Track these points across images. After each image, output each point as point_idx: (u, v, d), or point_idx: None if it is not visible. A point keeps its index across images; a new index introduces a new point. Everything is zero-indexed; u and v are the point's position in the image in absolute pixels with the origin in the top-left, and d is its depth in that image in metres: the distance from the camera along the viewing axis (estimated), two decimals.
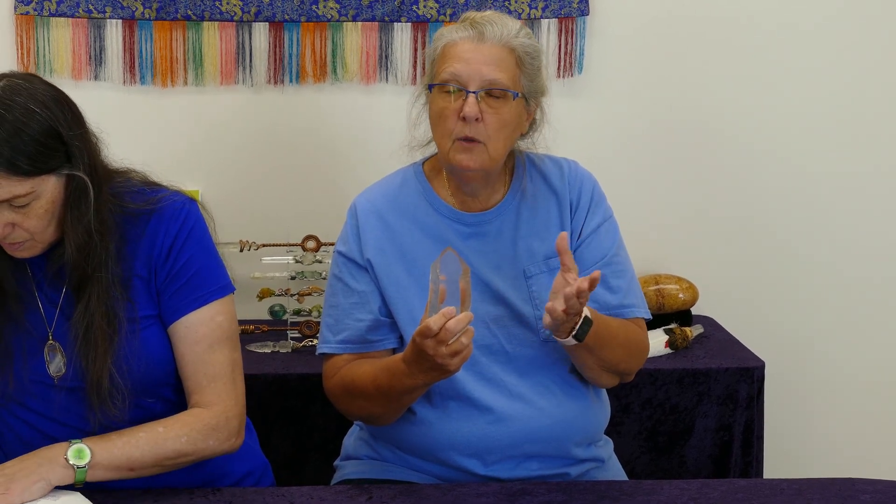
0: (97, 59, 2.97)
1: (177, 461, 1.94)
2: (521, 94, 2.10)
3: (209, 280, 2.00)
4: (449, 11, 3.00)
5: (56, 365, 1.95)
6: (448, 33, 2.12)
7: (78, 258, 1.89)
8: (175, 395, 2.03)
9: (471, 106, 2.05)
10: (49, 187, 1.84)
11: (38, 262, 1.95)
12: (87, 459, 1.84)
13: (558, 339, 2.03)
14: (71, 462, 1.83)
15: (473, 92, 2.06)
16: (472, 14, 2.14)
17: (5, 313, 1.94)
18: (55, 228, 1.89)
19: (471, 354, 1.93)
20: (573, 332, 2.00)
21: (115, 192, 1.95)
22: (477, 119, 2.06)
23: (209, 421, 1.96)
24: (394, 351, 2.16)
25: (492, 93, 2.07)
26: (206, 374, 1.98)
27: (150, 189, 2.01)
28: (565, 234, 1.99)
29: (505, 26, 2.10)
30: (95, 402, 1.91)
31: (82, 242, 1.89)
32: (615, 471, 2.30)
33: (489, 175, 2.16)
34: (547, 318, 1.97)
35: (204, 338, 1.98)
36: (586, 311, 2.02)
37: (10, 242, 1.87)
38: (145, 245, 1.97)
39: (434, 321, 1.86)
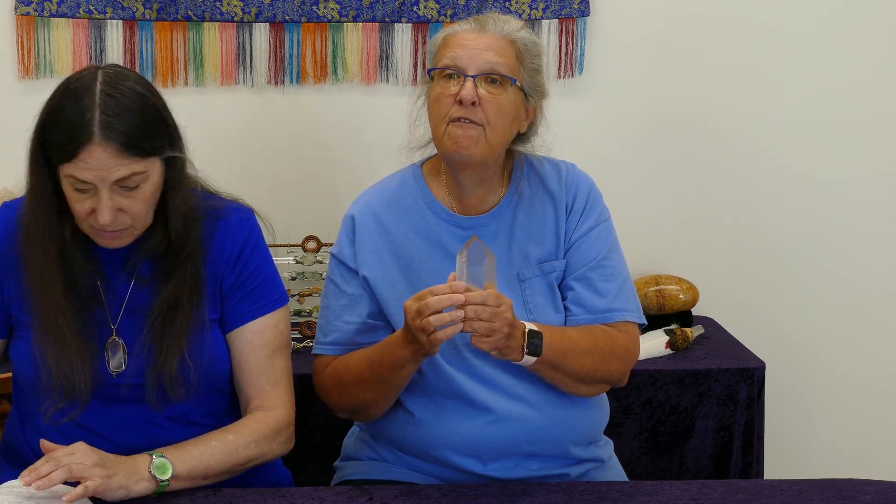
0: (98, 59, 2.97)
1: (245, 466, 1.99)
2: (519, 82, 2.10)
3: (273, 289, 2.08)
4: (449, 12, 3.00)
5: (117, 361, 1.98)
6: (450, 27, 2.15)
7: (182, 235, 1.95)
8: (219, 398, 2.07)
9: (468, 89, 2.06)
10: (156, 169, 1.90)
11: (114, 256, 1.98)
12: (169, 474, 1.87)
13: (515, 361, 2.03)
14: (155, 475, 1.86)
15: (472, 76, 2.06)
16: (475, 16, 2.17)
17: (74, 309, 1.95)
18: (153, 215, 1.94)
19: (446, 338, 1.92)
20: (525, 350, 2.01)
21: None
22: (474, 103, 2.06)
23: (274, 425, 2.02)
24: None
25: (490, 78, 2.08)
26: (269, 379, 2.05)
27: (209, 195, 2.06)
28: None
29: (507, 22, 2.13)
30: (167, 383, 1.94)
31: (185, 220, 1.95)
32: (615, 471, 2.30)
33: (485, 166, 2.15)
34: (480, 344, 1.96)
35: (268, 344, 2.05)
36: (532, 325, 2.03)
37: (112, 231, 1.90)
38: (213, 249, 2.02)
39: (431, 289, 1.90)
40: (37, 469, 1.78)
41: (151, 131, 1.87)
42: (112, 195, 1.86)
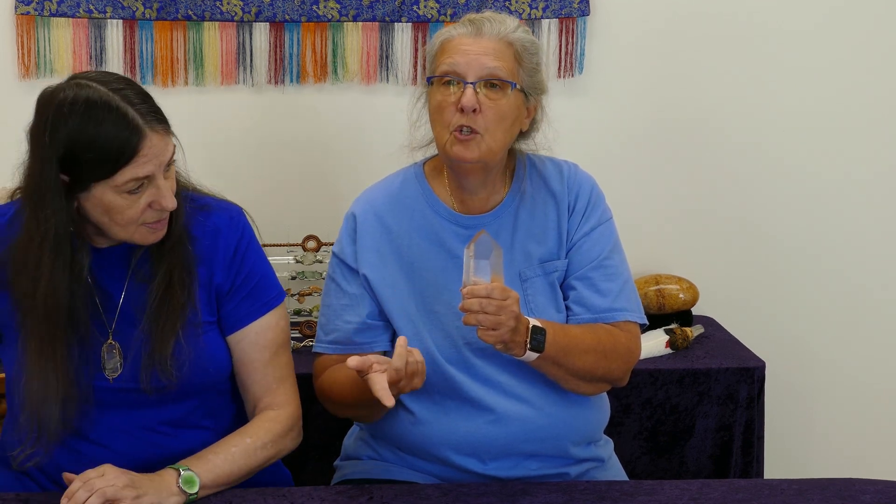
0: (98, 59, 2.98)
1: (263, 466, 2.02)
2: (519, 85, 2.10)
3: (270, 287, 2.09)
4: (450, 12, 3.00)
5: (113, 365, 1.97)
6: (447, 31, 2.14)
7: (176, 219, 1.96)
8: (218, 398, 2.08)
9: (468, 97, 2.06)
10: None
11: (109, 259, 1.98)
12: (197, 486, 1.89)
13: (517, 356, 2.03)
14: (184, 489, 1.88)
15: (472, 83, 2.07)
16: (471, 14, 2.16)
17: (71, 321, 1.94)
18: None
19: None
20: (528, 346, 2.01)
21: None
22: (475, 110, 2.06)
23: (286, 423, 2.05)
24: (385, 354, 2.16)
25: (490, 84, 2.08)
26: (275, 377, 2.07)
27: (197, 193, 2.06)
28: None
29: (503, 23, 2.12)
30: (161, 366, 1.94)
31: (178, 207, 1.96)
32: (615, 471, 2.30)
33: (488, 170, 2.15)
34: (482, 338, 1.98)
35: (272, 342, 2.07)
36: (535, 321, 2.03)
37: (156, 220, 1.92)
38: (204, 249, 2.01)
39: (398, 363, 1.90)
40: (73, 497, 1.79)
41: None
42: (166, 179, 1.90)
